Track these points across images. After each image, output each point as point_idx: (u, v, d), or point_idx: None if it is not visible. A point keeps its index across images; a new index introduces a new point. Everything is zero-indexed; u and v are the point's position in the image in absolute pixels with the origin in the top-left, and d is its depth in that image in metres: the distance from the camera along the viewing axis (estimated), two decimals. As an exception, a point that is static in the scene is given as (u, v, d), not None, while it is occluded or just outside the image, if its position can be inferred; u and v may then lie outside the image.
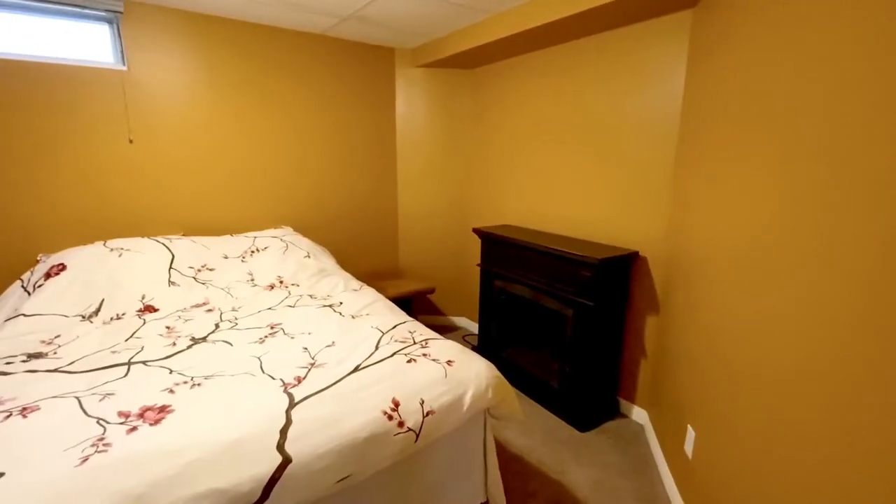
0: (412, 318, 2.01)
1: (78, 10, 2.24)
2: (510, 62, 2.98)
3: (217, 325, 1.91)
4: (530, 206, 2.98)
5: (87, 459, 1.03)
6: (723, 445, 1.40)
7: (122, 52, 2.39)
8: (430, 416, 1.35)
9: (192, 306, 2.14)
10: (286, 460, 1.09)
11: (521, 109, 2.95)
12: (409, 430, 1.30)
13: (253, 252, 2.61)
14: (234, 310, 2.12)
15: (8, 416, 1.21)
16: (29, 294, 2.00)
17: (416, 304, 3.67)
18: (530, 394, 2.69)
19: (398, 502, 1.38)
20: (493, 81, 3.13)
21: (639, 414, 2.46)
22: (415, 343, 1.69)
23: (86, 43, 2.37)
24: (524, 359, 2.86)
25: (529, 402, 2.63)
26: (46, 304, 1.94)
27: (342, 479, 1.17)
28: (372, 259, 3.52)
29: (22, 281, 2.10)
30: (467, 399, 1.44)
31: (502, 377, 1.60)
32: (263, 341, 1.74)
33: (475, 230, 2.95)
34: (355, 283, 2.54)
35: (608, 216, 2.48)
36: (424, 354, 1.59)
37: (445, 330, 3.63)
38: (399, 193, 3.55)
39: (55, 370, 1.50)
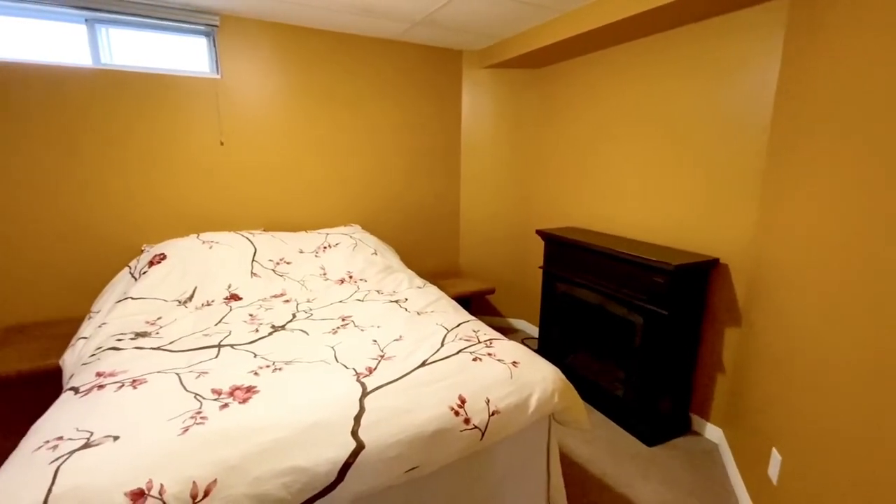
0: (474, 318, 2.02)
1: (181, 25, 2.49)
2: (580, 60, 2.90)
3: (294, 315, 2.04)
4: (597, 207, 2.88)
5: (187, 430, 1.15)
6: (816, 473, 1.27)
7: (216, 61, 2.62)
8: (495, 415, 1.36)
9: (272, 296, 2.30)
10: (360, 446, 1.15)
11: (590, 108, 2.86)
12: (475, 427, 1.31)
13: (325, 248, 2.75)
14: (308, 301, 2.25)
15: (121, 387, 1.38)
16: (135, 279, 2.25)
17: (475, 305, 3.68)
18: (594, 402, 2.60)
19: (461, 499, 1.40)
20: (562, 80, 3.07)
21: (713, 432, 2.30)
22: (479, 342, 1.70)
23: (187, 54, 2.63)
24: (587, 366, 2.78)
25: (592, 411, 2.55)
26: (149, 289, 2.17)
27: (410, 470, 1.20)
28: (434, 258, 3.59)
29: (130, 268, 2.36)
30: (533, 402, 1.43)
31: (569, 383, 1.57)
32: (336, 332, 1.84)
33: (538, 232, 2.91)
34: (419, 281, 2.60)
35: (683, 220, 2.34)
36: (489, 354, 1.59)
37: (504, 332, 3.61)
38: (462, 194, 3.58)
39: (158, 348, 1.68)
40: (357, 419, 1.21)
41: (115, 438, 1.11)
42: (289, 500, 1.05)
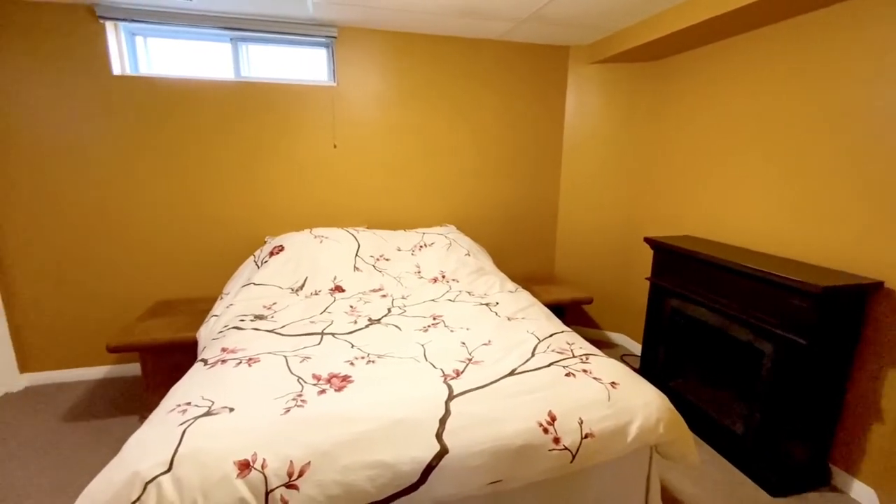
0: (569, 329, 1.90)
1: (307, 38, 2.74)
2: (702, 51, 2.58)
3: (389, 310, 2.12)
4: (718, 215, 2.54)
5: (289, 410, 1.24)
6: None
7: (333, 70, 2.84)
8: (588, 438, 1.25)
9: (370, 290, 2.42)
10: (444, 450, 1.14)
11: (712, 103, 2.53)
12: (565, 448, 1.22)
13: (421, 247, 2.82)
14: (403, 297, 2.32)
15: (239, 364, 1.54)
16: (258, 267, 2.52)
17: (569, 314, 3.50)
18: (703, 435, 2.30)
19: (546, 521, 1.32)
20: (680, 74, 2.76)
21: (861, 491, 1.89)
22: (574, 356, 1.59)
23: (307, 65, 2.89)
24: (697, 394, 2.47)
25: (701, 444, 2.26)
26: (268, 277, 2.42)
27: (493, 483, 1.16)
28: (528, 262, 3.48)
29: (254, 257, 2.66)
30: (633, 430, 1.29)
31: (677, 413, 1.39)
32: (427, 330, 1.86)
33: (647, 240, 2.65)
34: (511, 285, 2.53)
35: (833, 233, 1.95)
36: (585, 370, 1.48)
37: (600, 345, 3.37)
38: (561, 196, 3.43)
39: (271, 331, 1.86)
40: (442, 422, 1.20)
41: (231, 410, 1.24)
42: (373, 494, 1.07)
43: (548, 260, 3.53)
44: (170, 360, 2.31)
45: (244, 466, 1.05)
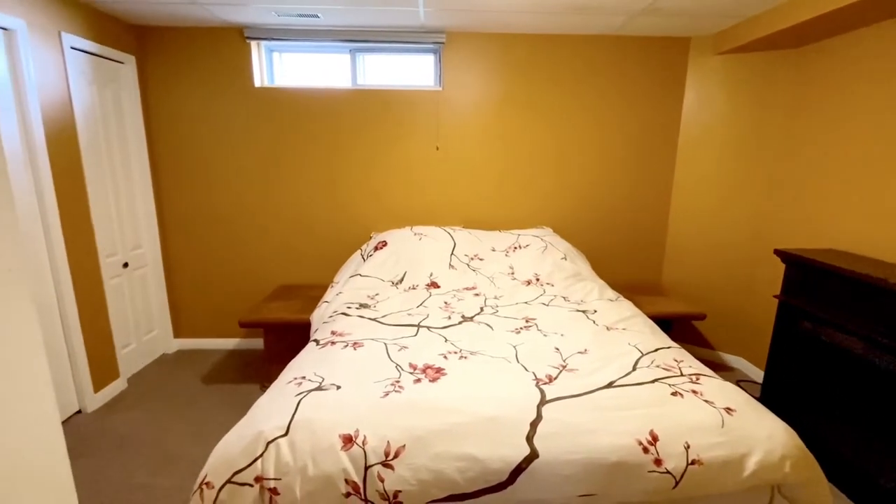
0: (677, 345, 1.75)
1: (417, 45, 2.88)
2: (857, 34, 2.18)
3: (482, 309, 2.14)
4: (870, 227, 2.13)
5: (388, 394, 1.32)
6: None
7: (440, 75, 2.94)
8: (695, 465, 1.14)
9: (464, 288, 2.47)
10: (533, 454, 1.12)
11: (868, 95, 2.13)
12: (668, 472, 1.13)
13: (515, 248, 2.81)
14: (495, 297, 2.33)
15: (346, 346, 1.68)
16: (364, 260, 2.72)
17: (677, 329, 3.22)
18: (839, 484, 1.96)
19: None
20: (828, 62, 2.37)
21: None
22: (682, 375, 1.46)
23: (415, 71, 3.04)
24: (833, 434, 2.10)
25: (837, 494, 1.92)
26: (373, 270, 2.60)
27: (586, 496, 1.12)
28: (631, 270, 3.27)
29: (361, 250, 2.87)
30: (750, 464, 1.15)
31: (808, 452, 1.21)
32: (519, 332, 1.85)
33: (779, 252, 2.32)
34: (611, 293, 2.40)
35: None
36: (694, 391, 1.35)
37: (713, 367, 3.04)
38: (673, 200, 3.15)
39: (374, 319, 2.00)
40: (533, 426, 1.19)
41: (338, 388, 1.36)
42: (461, 486, 1.10)
43: (654, 269, 3.28)
44: (287, 337, 2.60)
45: (348, 440, 1.15)
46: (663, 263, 3.27)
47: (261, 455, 1.14)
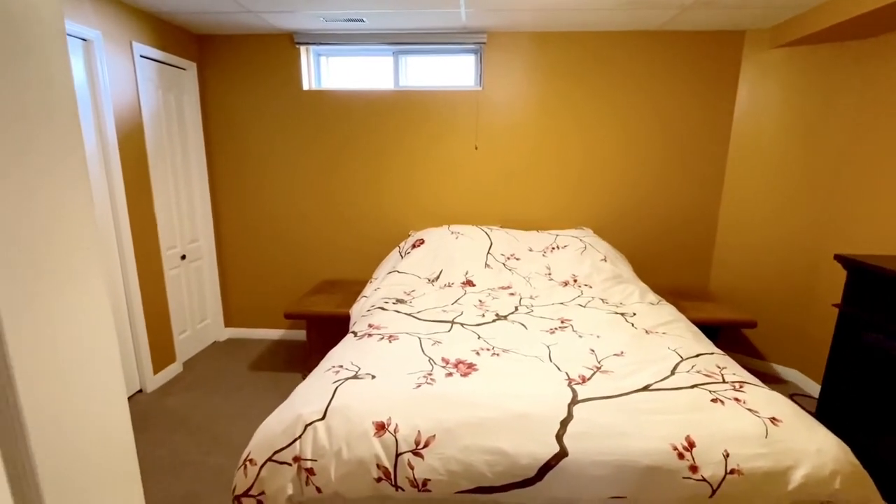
0: (722, 352, 1.67)
1: (458, 46, 2.91)
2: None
3: (516, 308, 2.14)
4: (959, 234, 1.94)
5: (420, 386, 1.36)
6: None
7: (480, 75, 2.96)
8: (734, 474, 1.09)
9: (499, 287, 2.48)
10: (563, 452, 1.12)
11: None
12: (704, 480, 1.09)
13: (553, 248, 2.77)
14: (531, 297, 2.32)
15: (381, 339, 1.74)
16: (401, 257, 2.78)
17: (724, 337, 3.06)
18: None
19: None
20: (911, 51, 2.18)
21: None
22: (724, 382, 1.40)
23: (455, 71, 3.07)
24: (894, 454, 1.93)
25: (904, 524, 1.77)
26: (410, 267, 2.65)
27: (617, 498, 1.10)
28: (676, 274, 3.14)
29: (399, 248, 2.93)
30: (796, 477, 1.09)
31: (862, 468, 1.13)
32: (553, 332, 1.83)
33: (839, 258, 2.17)
34: (652, 297, 2.33)
35: None
36: (737, 399, 1.29)
37: (763, 378, 2.87)
38: (723, 203, 3.00)
39: (409, 314, 2.04)
40: (564, 424, 1.18)
41: (373, 377, 1.41)
42: (489, 479, 1.11)
43: (701, 274, 3.14)
44: (328, 329, 2.71)
45: (380, 427, 1.19)
46: (711, 268, 3.12)
47: (299, 437, 1.20)
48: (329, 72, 3.22)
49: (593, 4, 2.36)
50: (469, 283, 2.53)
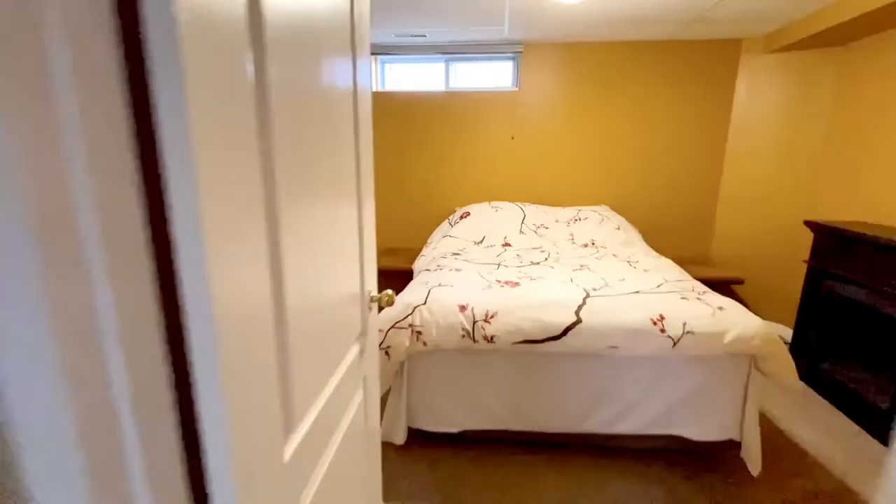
0: (699, 283, 2.29)
1: (499, 55, 3.58)
2: (897, 32, 2.53)
3: (546, 259, 2.79)
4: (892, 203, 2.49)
5: (484, 289, 2.03)
6: None
7: (517, 78, 3.62)
8: (688, 334, 1.73)
9: (531, 248, 3.13)
10: (579, 320, 1.78)
11: (903, 86, 2.48)
12: (669, 337, 1.73)
13: (576, 220, 3.41)
14: (557, 254, 2.96)
15: (450, 270, 2.42)
16: (451, 226, 3.47)
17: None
18: (850, 413, 2.37)
19: (657, 388, 1.83)
20: (873, 57, 2.72)
21: None
22: (693, 291, 2.03)
23: (496, 75, 3.73)
24: (848, 374, 2.50)
25: (845, 420, 2.34)
26: (459, 233, 3.33)
27: (612, 347, 1.75)
28: (682, 247, 3.72)
29: (448, 220, 3.61)
30: (729, 336, 1.71)
31: (777, 338, 1.74)
32: (574, 270, 2.48)
33: (808, 223, 2.74)
34: (654, 255, 2.93)
35: None
36: (698, 299, 1.92)
37: (753, 330, 3.42)
38: (723, 183, 3.57)
39: (465, 260, 2.72)
40: (579, 306, 1.84)
41: (451, 286, 2.10)
42: (532, 335, 1.78)
43: (704, 246, 3.71)
44: (396, 281, 3.42)
45: (462, 308, 1.87)
46: (712, 241, 3.69)
47: (410, 314, 1.89)
48: (392, 76, 3.94)
49: (610, 22, 2.98)
50: (507, 244, 3.20)
